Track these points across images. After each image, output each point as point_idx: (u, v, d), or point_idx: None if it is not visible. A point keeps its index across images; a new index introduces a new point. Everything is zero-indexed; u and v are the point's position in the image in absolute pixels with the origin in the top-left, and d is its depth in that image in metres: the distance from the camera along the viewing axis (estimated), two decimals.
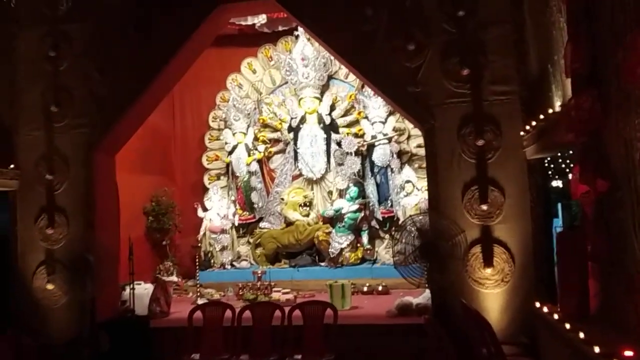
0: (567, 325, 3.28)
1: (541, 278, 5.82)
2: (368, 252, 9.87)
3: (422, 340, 5.77)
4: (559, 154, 5.28)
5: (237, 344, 5.68)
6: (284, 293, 8.43)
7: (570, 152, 4.80)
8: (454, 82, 6.16)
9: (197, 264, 9.31)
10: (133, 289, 7.43)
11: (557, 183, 5.87)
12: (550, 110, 4.80)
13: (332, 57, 10.20)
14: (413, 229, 5.75)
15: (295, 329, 5.72)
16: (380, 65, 6.36)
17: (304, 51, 10.18)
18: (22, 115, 7.15)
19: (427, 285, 6.36)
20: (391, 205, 9.99)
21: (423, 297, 7.06)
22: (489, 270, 5.95)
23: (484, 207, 5.99)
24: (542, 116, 5.03)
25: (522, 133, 5.88)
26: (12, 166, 7.02)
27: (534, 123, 5.27)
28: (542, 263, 5.82)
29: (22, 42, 7.21)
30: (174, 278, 8.87)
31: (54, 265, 6.85)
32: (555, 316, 3.70)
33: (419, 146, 10.06)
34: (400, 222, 9.73)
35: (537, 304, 4.37)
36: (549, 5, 4.83)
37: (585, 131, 3.93)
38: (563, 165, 5.72)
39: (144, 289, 7.82)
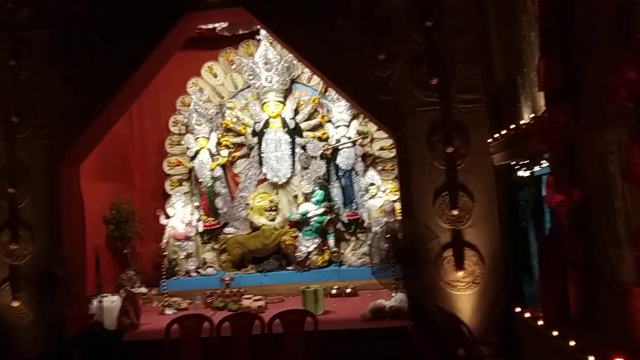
0: (555, 332, 3.46)
1: (510, 279, 6.08)
2: (335, 254, 9.98)
3: (399, 343, 5.94)
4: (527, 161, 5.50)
5: (217, 357, 5.66)
6: (255, 300, 8.42)
7: (541, 160, 5.02)
8: (424, 90, 6.32)
9: (162, 272, 9.19)
10: (101, 301, 7.30)
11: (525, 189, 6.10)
12: (522, 121, 5.01)
13: (295, 61, 10.30)
14: (388, 234, 5.87)
15: (276, 338, 5.75)
16: (351, 74, 6.46)
17: (267, 55, 10.17)
18: None
19: (401, 288, 6.54)
20: (356, 208, 10.14)
21: (395, 299, 7.22)
22: (460, 273, 6.15)
23: (455, 212, 6.19)
24: (512, 125, 5.24)
25: (489, 140, 6.10)
26: None
27: (503, 131, 5.47)
28: (511, 265, 6.07)
29: None
30: (143, 289, 8.72)
31: (19, 282, 6.62)
32: (539, 322, 3.88)
33: (382, 149, 10.28)
34: (365, 224, 9.96)
35: (518, 309, 4.56)
36: (518, 19, 5.03)
37: (559, 143, 4.14)
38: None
39: (111, 302, 7.67)
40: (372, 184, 9.89)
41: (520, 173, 5.79)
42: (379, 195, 9.85)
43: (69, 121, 6.76)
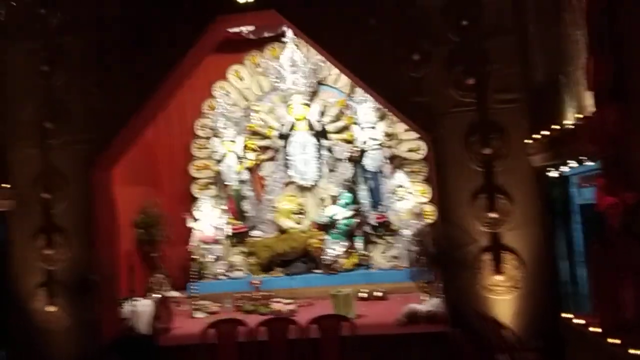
0: (615, 340, 3.35)
1: (554, 283, 5.95)
2: (363, 257, 9.89)
3: (436, 349, 5.86)
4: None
5: None
6: (285, 304, 8.36)
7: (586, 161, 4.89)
8: (459, 90, 6.22)
9: (192, 275, 9.18)
10: (135, 306, 7.31)
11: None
12: (567, 121, 4.90)
13: (322, 63, 10.25)
14: (426, 238, 5.79)
15: (312, 343, 5.69)
16: (385, 76, 6.38)
17: (293, 57, 10.13)
18: (16, 132, 6.91)
19: (437, 293, 6.44)
20: (384, 211, 10.04)
21: (431, 304, 7.10)
22: (499, 277, 6.03)
23: (493, 214, 6.07)
24: (556, 126, 5.12)
25: (529, 141, 5.98)
26: (6, 185, 6.77)
27: (545, 132, 5.36)
28: (554, 269, 5.94)
29: (13, 56, 6.95)
30: (175, 293, 8.71)
31: (55, 287, 6.64)
32: (593, 328, 3.77)
33: (409, 150, 10.18)
34: (393, 226, 9.86)
35: (566, 315, 4.44)
36: (562, 17, 4.92)
37: (610, 144, 4.03)
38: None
39: (143, 306, 7.66)
40: (400, 186, 9.79)
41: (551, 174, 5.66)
42: (407, 197, 9.75)
43: (102, 126, 6.77)
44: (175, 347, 6.64)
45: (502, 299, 6.05)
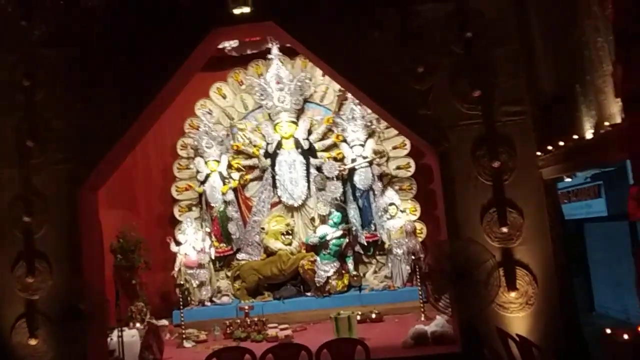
0: None
1: (565, 298, 5.80)
2: (355, 278, 9.60)
3: None
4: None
5: None
6: (281, 329, 7.98)
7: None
8: (465, 103, 6.09)
9: (179, 302, 8.71)
10: (121, 336, 6.83)
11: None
12: (586, 130, 4.78)
13: (308, 80, 10.05)
14: (441, 255, 5.56)
15: None
16: (389, 89, 6.21)
17: (279, 74, 9.90)
18: None
19: (448, 311, 6.19)
20: (375, 229, 9.81)
21: (436, 324, 6.87)
22: (512, 294, 5.84)
23: (504, 229, 5.91)
24: (571, 136, 5.00)
25: (538, 153, 5.87)
26: None
27: (560, 143, 5.23)
28: (566, 283, 5.80)
29: None
30: (164, 321, 8.22)
31: (36, 318, 6.12)
32: None
33: (398, 168, 10.03)
34: (385, 245, 9.62)
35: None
36: (580, 25, 4.84)
37: None
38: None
39: (130, 336, 7.19)
40: (391, 204, 9.59)
41: None
42: (399, 215, 9.57)
43: (88, 145, 6.36)
44: None
45: (515, 316, 5.86)
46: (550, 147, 5.53)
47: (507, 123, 6.04)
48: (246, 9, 6.15)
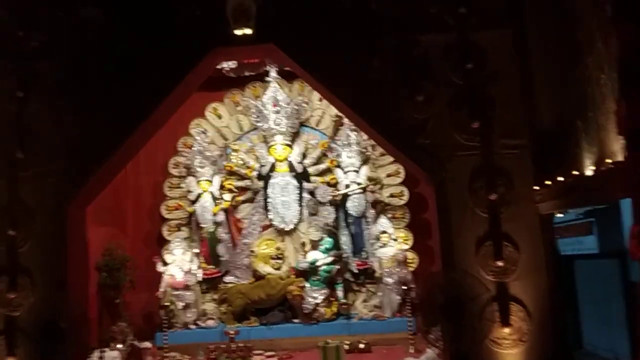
0: None
1: (559, 336, 5.70)
2: (344, 306, 9.42)
3: None
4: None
5: None
6: (267, 356, 7.77)
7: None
8: (464, 134, 6.06)
9: (163, 323, 8.49)
10: (103, 357, 6.62)
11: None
12: (588, 167, 4.74)
13: (305, 104, 10.02)
14: (433, 286, 5.45)
15: None
16: (387, 116, 6.17)
17: (276, 97, 9.86)
18: None
19: (439, 344, 6.07)
20: (366, 257, 9.67)
21: (427, 357, 6.72)
22: (506, 330, 5.73)
23: (500, 263, 5.82)
24: (571, 172, 4.96)
25: (536, 187, 5.82)
26: None
27: (560, 178, 5.18)
28: (560, 320, 5.71)
29: None
30: (147, 343, 7.99)
31: (16, 335, 5.91)
32: None
33: (392, 196, 9.94)
34: (376, 274, 9.48)
35: None
36: (583, 61, 4.83)
37: None
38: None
39: (112, 358, 6.97)
40: (384, 232, 9.48)
41: None
42: (391, 243, 9.44)
43: (78, 159, 6.24)
44: None
45: (508, 352, 5.74)
46: (548, 182, 5.48)
47: (506, 156, 6.01)
48: (248, 31, 6.11)
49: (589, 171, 4.71)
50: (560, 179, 5.16)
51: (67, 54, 6.33)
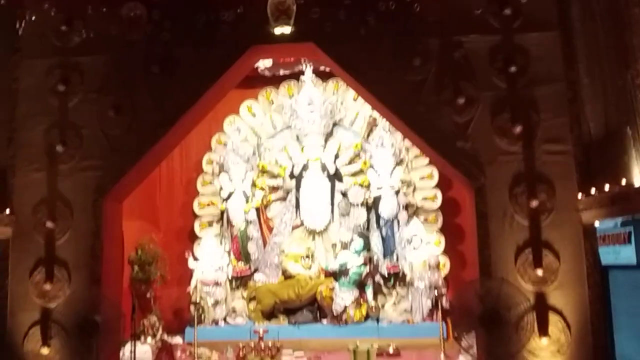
0: None
1: (599, 349, 5.53)
2: (373, 309, 9.33)
3: None
4: None
5: None
6: (297, 357, 7.74)
7: None
8: (505, 138, 5.92)
9: (192, 319, 8.52)
10: (134, 351, 6.65)
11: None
12: (633, 175, 4.57)
13: (339, 104, 9.96)
14: (472, 294, 5.33)
15: None
16: (427, 118, 6.05)
17: (311, 96, 9.82)
18: (21, 155, 6.35)
19: (472, 353, 5.94)
20: (397, 260, 9.57)
21: None
22: (544, 340, 5.58)
23: (539, 271, 5.67)
24: (619, 181, 4.79)
25: (579, 196, 5.65)
26: (7, 211, 6.17)
27: (607, 186, 5.01)
28: (600, 333, 5.54)
29: (25, 73, 6.47)
30: (178, 339, 8.03)
31: (50, 326, 5.98)
32: None
33: (424, 199, 9.81)
34: (407, 278, 9.36)
35: None
36: (632, 67, 4.66)
37: None
38: None
39: (143, 352, 7.01)
40: (415, 235, 9.36)
41: None
42: (423, 247, 9.32)
43: (118, 154, 6.27)
44: None
45: None
46: (593, 190, 5.30)
47: (548, 162, 5.85)
48: (287, 29, 6.05)
49: (639, 180, 4.54)
50: (607, 187, 4.99)
51: (109, 50, 6.36)
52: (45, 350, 5.97)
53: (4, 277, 6.16)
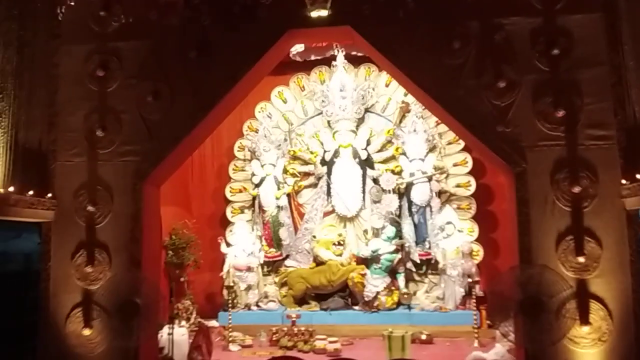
0: None
1: None
2: (405, 296, 9.31)
3: None
4: None
5: None
6: (330, 342, 7.77)
7: None
8: (547, 123, 5.81)
9: (227, 303, 8.62)
10: (172, 334, 6.76)
11: None
12: None
13: (371, 90, 9.90)
14: (513, 280, 5.27)
15: None
16: (466, 102, 5.96)
17: (343, 82, 9.77)
18: (62, 140, 6.46)
19: (512, 340, 5.88)
20: (429, 247, 9.52)
21: (495, 352, 6.56)
22: (585, 328, 5.50)
23: (581, 259, 5.58)
24: None
25: (623, 182, 5.54)
26: (48, 195, 6.29)
27: None
28: None
29: (66, 59, 6.56)
30: (214, 322, 8.13)
31: (92, 308, 6.11)
32: None
33: (457, 186, 9.72)
34: (439, 265, 9.30)
35: None
36: None
37: None
38: None
39: (180, 334, 7.11)
40: (449, 223, 9.28)
41: None
42: (456, 234, 9.24)
43: (156, 138, 6.33)
44: None
45: (586, 352, 5.52)
46: (638, 176, 5.18)
47: (591, 147, 5.72)
48: (324, 12, 6.02)
49: None
50: None
51: (147, 35, 6.40)
52: (87, 332, 6.10)
53: (47, 260, 6.29)
